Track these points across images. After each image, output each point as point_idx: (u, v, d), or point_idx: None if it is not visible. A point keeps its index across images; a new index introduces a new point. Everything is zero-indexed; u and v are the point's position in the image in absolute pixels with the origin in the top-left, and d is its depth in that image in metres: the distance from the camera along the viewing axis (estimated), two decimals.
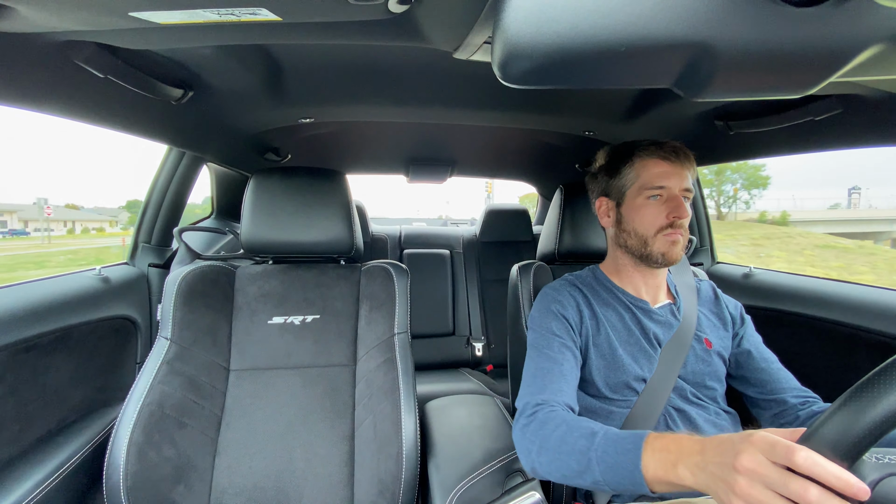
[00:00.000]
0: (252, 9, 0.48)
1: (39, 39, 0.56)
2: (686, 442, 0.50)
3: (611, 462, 0.54)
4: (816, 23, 0.33)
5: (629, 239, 0.80)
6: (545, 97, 1.06)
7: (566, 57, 0.35)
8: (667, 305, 0.83)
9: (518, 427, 0.69)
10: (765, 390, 0.78)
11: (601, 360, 0.77)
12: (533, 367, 0.75)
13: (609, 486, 0.54)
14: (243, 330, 0.93)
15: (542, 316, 0.81)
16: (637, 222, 0.78)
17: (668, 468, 0.49)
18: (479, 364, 1.91)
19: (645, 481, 0.50)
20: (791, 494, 0.38)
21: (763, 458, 0.40)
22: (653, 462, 0.50)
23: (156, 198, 1.23)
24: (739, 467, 0.41)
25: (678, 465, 0.48)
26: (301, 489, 0.82)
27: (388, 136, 1.51)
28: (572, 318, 0.79)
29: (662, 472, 0.49)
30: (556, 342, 0.76)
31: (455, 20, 0.51)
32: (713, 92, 0.39)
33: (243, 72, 0.82)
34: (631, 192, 0.79)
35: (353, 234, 0.98)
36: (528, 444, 0.65)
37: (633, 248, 0.79)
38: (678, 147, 0.77)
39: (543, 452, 0.62)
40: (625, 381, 0.76)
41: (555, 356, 0.75)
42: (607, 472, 0.54)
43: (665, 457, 0.50)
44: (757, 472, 0.40)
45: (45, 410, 0.84)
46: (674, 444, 0.50)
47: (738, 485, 0.41)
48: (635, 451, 0.52)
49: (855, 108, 0.74)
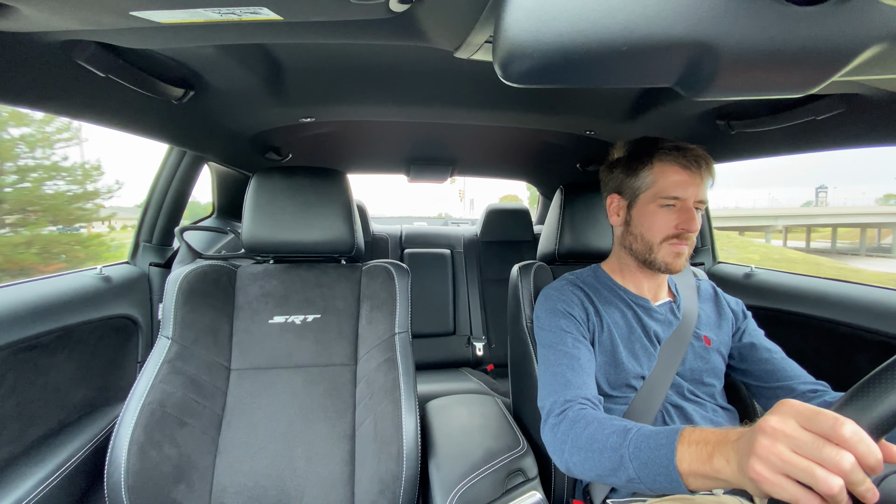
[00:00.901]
0: (253, 8, 0.48)
1: (41, 39, 0.56)
2: (724, 432, 0.47)
3: (645, 458, 0.52)
4: (819, 22, 0.33)
5: (635, 242, 0.79)
6: (546, 96, 1.06)
7: (567, 56, 0.35)
8: (667, 303, 0.83)
9: (548, 428, 0.68)
10: (771, 379, 0.77)
11: (603, 356, 0.77)
12: (551, 365, 0.75)
13: (644, 483, 0.53)
14: (244, 329, 0.93)
15: (549, 315, 0.80)
16: (645, 228, 0.77)
17: (704, 460, 0.47)
18: (479, 364, 1.91)
19: (680, 476, 0.48)
20: (823, 459, 0.36)
21: (794, 423, 0.38)
22: (688, 455, 0.48)
23: (157, 197, 1.23)
24: (765, 427, 0.39)
25: (714, 456, 0.46)
26: (302, 488, 0.82)
27: (389, 135, 1.51)
28: (579, 316, 0.79)
29: (698, 464, 0.47)
30: (569, 338, 0.76)
31: (456, 19, 0.51)
32: (715, 91, 0.39)
33: (244, 71, 0.82)
34: (645, 196, 0.77)
35: (354, 234, 0.98)
36: (559, 444, 0.65)
37: (638, 252, 0.79)
38: (701, 156, 0.75)
39: (575, 452, 0.61)
40: (625, 379, 0.76)
41: (570, 351, 0.74)
42: (641, 469, 0.52)
43: (701, 449, 0.48)
44: (784, 433, 0.38)
45: (47, 409, 0.84)
46: (712, 435, 0.48)
47: (758, 444, 0.39)
48: (670, 446, 0.50)
49: (857, 108, 0.74)
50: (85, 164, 4.83)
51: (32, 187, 4.37)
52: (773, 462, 0.38)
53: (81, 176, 4.73)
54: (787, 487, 0.37)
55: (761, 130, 0.93)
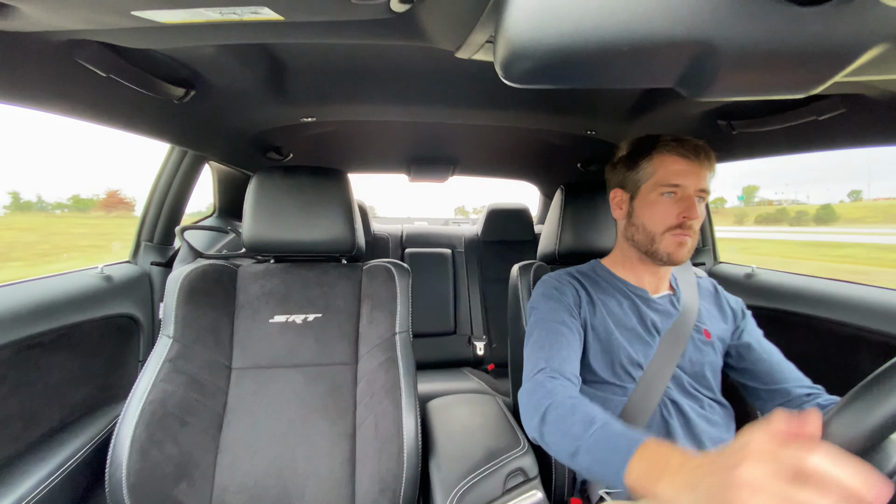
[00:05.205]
0: (254, 8, 0.48)
1: (42, 38, 0.56)
2: (678, 457, 0.45)
3: (599, 456, 0.54)
4: (820, 22, 0.33)
5: (637, 233, 0.80)
6: (547, 97, 1.06)
7: (569, 56, 0.35)
8: (666, 296, 0.84)
9: (525, 390, 0.70)
10: (767, 381, 0.78)
11: (597, 343, 0.78)
12: (537, 338, 0.76)
13: (595, 476, 0.55)
14: (245, 328, 0.94)
15: (542, 299, 0.82)
16: (646, 218, 0.78)
17: (651, 481, 0.45)
18: (480, 363, 1.91)
19: (626, 486, 0.49)
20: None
21: (764, 470, 0.35)
22: (638, 469, 0.48)
23: (158, 196, 1.23)
24: (739, 482, 0.35)
25: (661, 481, 0.44)
26: (302, 487, 0.82)
27: (390, 135, 1.51)
28: (571, 300, 0.80)
29: (643, 481, 0.47)
30: (558, 318, 0.78)
31: (457, 19, 0.51)
32: (716, 91, 0.39)
33: (245, 71, 0.82)
34: (646, 186, 0.78)
35: (355, 234, 0.98)
36: (532, 408, 0.66)
37: (640, 244, 0.80)
38: (700, 146, 0.76)
39: (545, 424, 0.63)
40: (620, 362, 0.77)
41: (558, 328, 0.76)
42: (594, 465, 0.54)
43: (650, 467, 0.47)
44: (759, 487, 0.34)
45: (48, 408, 0.84)
46: (664, 456, 0.46)
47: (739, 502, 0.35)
48: (626, 454, 0.50)
49: (858, 108, 0.74)
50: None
51: None
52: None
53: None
54: None
55: (762, 130, 0.93)
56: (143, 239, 1.22)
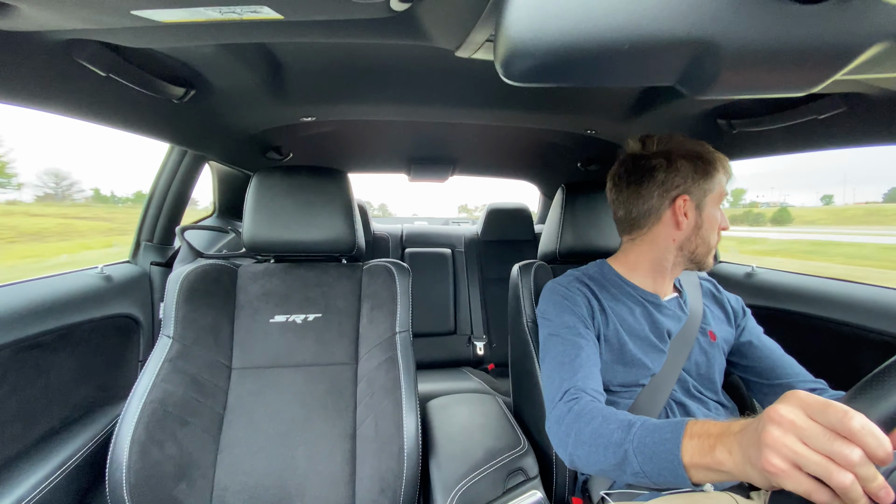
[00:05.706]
0: (254, 7, 0.48)
1: (42, 38, 0.56)
2: (727, 424, 0.47)
3: (649, 452, 0.52)
4: (821, 20, 0.33)
5: (701, 245, 0.77)
6: (547, 96, 1.06)
7: (569, 55, 0.35)
8: (674, 299, 0.83)
9: (552, 419, 0.68)
10: (770, 377, 0.78)
11: (610, 354, 0.77)
12: (557, 355, 0.74)
13: (649, 477, 0.52)
14: (245, 328, 0.93)
15: (554, 308, 0.80)
16: (710, 231, 0.77)
17: (706, 452, 0.47)
18: (480, 363, 1.91)
19: (684, 469, 0.48)
20: (832, 453, 0.36)
21: (802, 413, 0.38)
22: (690, 448, 0.48)
23: (158, 196, 1.23)
24: (774, 416, 0.39)
25: (716, 448, 0.46)
26: (303, 487, 0.82)
27: (390, 134, 1.51)
28: (584, 311, 0.78)
29: (700, 456, 0.47)
30: (573, 332, 0.75)
31: (457, 18, 0.51)
32: (717, 90, 0.39)
33: (245, 70, 0.82)
34: (711, 198, 0.76)
35: (355, 233, 0.98)
36: (563, 436, 0.64)
37: (698, 255, 0.78)
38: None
39: (579, 446, 0.61)
40: (635, 377, 0.76)
41: (577, 341, 0.74)
42: (646, 463, 0.52)
43: (703, 441, 0.47)
44: (794, 425, 0.38)
45: (49, 408, 0.84)
46: (714, 427, 0.48)
47: (768, 434, 0.39)
48: (675, 440, 0.50)
49: (858, 107, 0.74)
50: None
51: None
52: (785, 454, 0.38)
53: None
54: (801, 480, 0.37)
55: (762, 129, 0.93)
56: (143, 239, 1.22)
